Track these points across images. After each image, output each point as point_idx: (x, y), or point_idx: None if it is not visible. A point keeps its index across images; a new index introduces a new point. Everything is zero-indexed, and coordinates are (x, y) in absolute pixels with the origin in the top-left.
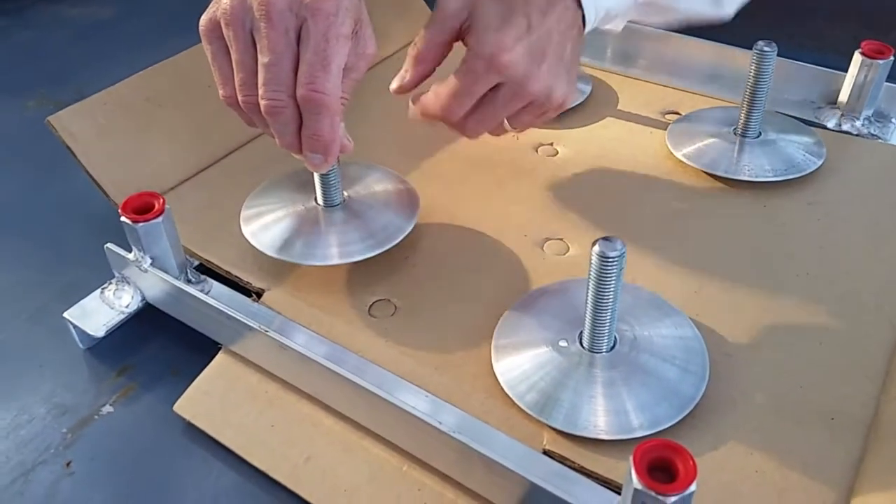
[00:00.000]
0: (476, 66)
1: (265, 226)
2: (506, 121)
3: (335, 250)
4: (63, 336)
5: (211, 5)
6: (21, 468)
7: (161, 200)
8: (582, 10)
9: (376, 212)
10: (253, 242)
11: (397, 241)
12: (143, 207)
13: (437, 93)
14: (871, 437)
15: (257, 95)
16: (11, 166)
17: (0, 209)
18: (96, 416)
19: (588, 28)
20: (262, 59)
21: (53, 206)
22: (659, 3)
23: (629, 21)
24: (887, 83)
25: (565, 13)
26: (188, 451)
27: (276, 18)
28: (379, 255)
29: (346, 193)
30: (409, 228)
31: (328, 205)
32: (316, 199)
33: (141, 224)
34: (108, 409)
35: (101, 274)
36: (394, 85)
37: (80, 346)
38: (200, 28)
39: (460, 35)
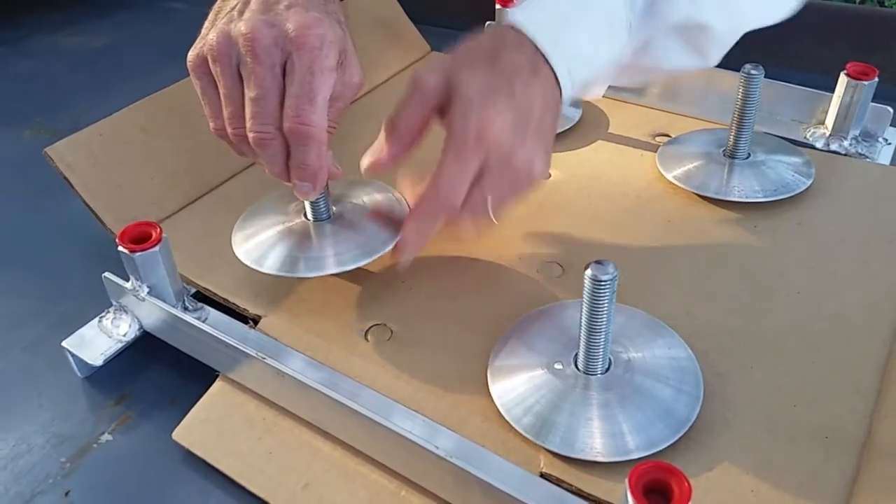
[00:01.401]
0: (466, 145)
1: (257, 245)
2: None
3: (330, 261)
4: (61, 365)
5: (198, 41)
6: (20, 499)
7: (158, 230)
8: (559, 85)
9: (367, 221)
10: (246, 262)
11: (390, 247)
12: (141, 237)
13: (428, 188)
14: (865, 455)
15: (246, 128)
16: (8, 195)
17: None
18: (95, 445)
19: (565, 101)
20: (250, 93)
21: (50, 235)
22: (641, 64)
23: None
24: (873, 103)
25: (545, 86)
26: (187, 479)
27: (262, 54)
28: (374, 279)
29: (334, 207)
30: (400, 235)
31: (317, 219)
32: (305, 215)
33: (138, 253)
34: (106, 437)
35: (98, 302)
36: (366, 162)
37: (78, 374)
38: (188, 63)
39: (440, 110)
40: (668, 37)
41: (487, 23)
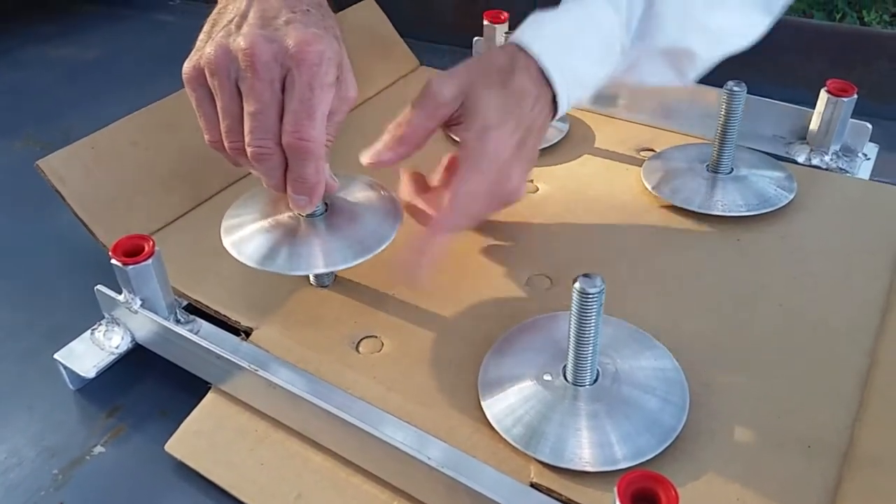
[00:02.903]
0: (485, 164)
1: (246, 237)
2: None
3: (319, 260)
4: (52, 377)
5: (193, 53)
6: None
7: (151, 243)
8: (555, 105)
9: (359, 220)
10: (234, 254)
11: (381, 248)
12: (134, 250)
13: (449, 203)
14: (847, 463)
15: (243, 141)
16: None
17: None
18: (87, 457)
19: (553, 120)
20: (249, 107)
21: (41, 247)
22: (625, 81)
23: None
24: (853, 119)
25: (544, 108)
26: (179, 490)
27: (262, 69)
28: (365, 292)
29: (327, 203)
30: (392, 236)
31: (309, 214)
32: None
33: (131, 266)
34: (99, 449)
35: (88, 315)
36: (367, 159)
37: (70, 387)
38: (184, 76)
39: (449, 122)
40: (654, 59)
41: (475, 38)
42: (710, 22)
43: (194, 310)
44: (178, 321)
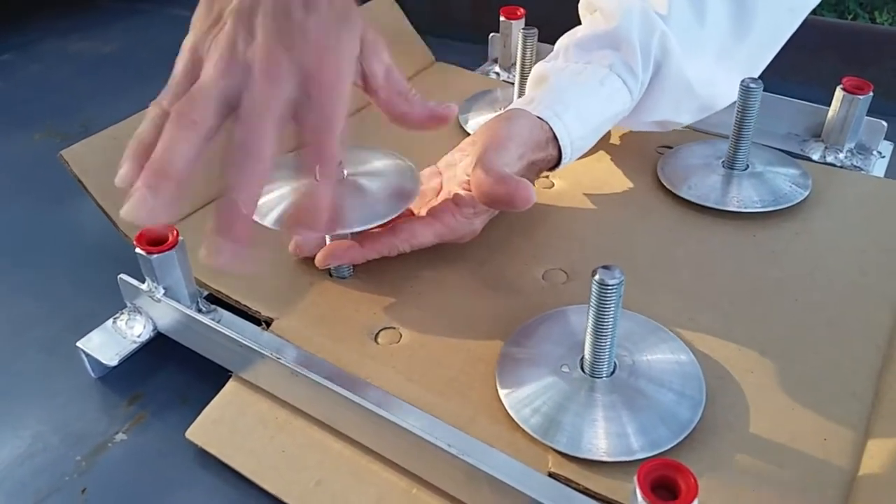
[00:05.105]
0: (509, 144)
1: (267, 202)
2: None
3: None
4: (74, 365)
5: (196, 33)
6: (36, 496)
7: (175, 232)
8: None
9: (376, 186)
10: (255, 218)
11: (397, 213)
12: (158, 239)
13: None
14: (862, 458)
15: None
16: (20, 197)
17: (9, 239)
18: (109, 444)
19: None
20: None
21: (60, 237)
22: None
23: None
24: (867, 117)
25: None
26: (200, 477)
27: (279, 91)
28: (384, 283)
29: (345, 171)
30: (409, 203)
31: None
32: (316, 177)
33: (155, 255)
34: (121, 436)
35: (108, 304)
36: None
37: (93, 375)
38: (183, 49)
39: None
40: (644, 125)
41: (491, 35)
42: (704, 96)
43: (215, 300)
44: (199, 310)
